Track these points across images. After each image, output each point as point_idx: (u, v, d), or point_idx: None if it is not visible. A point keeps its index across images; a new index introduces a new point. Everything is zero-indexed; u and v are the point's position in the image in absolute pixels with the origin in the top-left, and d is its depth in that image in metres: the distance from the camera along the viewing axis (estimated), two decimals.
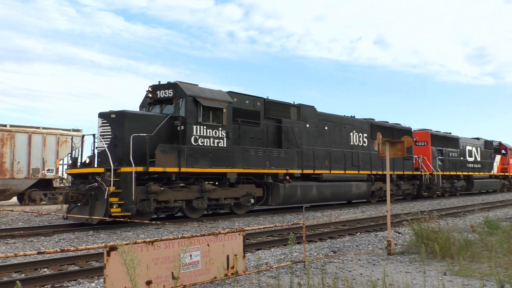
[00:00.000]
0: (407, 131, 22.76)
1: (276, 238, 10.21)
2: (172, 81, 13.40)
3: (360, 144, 19.94)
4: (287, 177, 15.48)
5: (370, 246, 8.90)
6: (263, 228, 6.49)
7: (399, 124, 23.10)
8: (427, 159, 24.47)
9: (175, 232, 10.90)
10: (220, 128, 13.44)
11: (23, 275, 6.50)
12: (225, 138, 13.57)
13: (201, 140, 12.94)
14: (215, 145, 13.31)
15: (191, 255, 5.22)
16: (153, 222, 9.19)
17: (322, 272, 5.74)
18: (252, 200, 14.71)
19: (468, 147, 28.85)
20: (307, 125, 17.18)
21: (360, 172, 19.31)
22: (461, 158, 27.82)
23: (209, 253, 5.46)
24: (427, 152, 24.85)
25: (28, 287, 5.57)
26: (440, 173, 24.57)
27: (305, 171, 16.54)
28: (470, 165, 28.66)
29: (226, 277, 5.53)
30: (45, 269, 6.86)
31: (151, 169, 11.61)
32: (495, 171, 32.59)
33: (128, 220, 8.65)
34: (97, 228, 11.22)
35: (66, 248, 4.23)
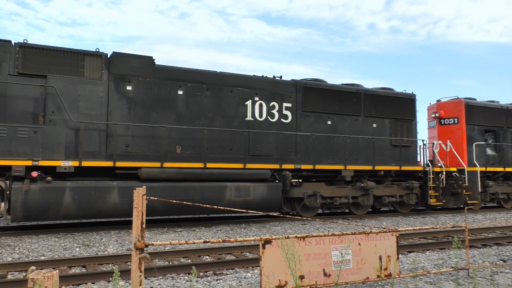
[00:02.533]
0: (406, 99, 15.04)
1: (430, 240, 9.44)
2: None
3: (274, 120, 12.46)
4: (35, 173, 9.25)
5: None
6: (418, 229, 6.03)
7: (391, 89, 15.13)
8: (457, 146, 15.92)
9: (321, 229, 10.95)
10: None
11: (189, 260, 7.30)
12: None
13: None
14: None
15: (342, 253, 5.14)
16: (298, 217, 9.29)
17: (493, 284, 5.05)
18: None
19: None
20: (128, 88, 10.64)
21: (259, 165, 11.74)
22: None
23: (361, 252, 5.30)
24: (458, 134, 16.23)
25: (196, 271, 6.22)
26: (479, 168, 15.52)
27: (94, 163, 9.89)
28: None
29: (379, 279, 5.29)
30: (207, 257, 7.60)
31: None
32: None
33: (278, 216, 8.98)
34: (248, 221, 11.96)
35: (227, 239, 4.57)
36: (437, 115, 16.86)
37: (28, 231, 9.80)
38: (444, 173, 15.13)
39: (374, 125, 14.32)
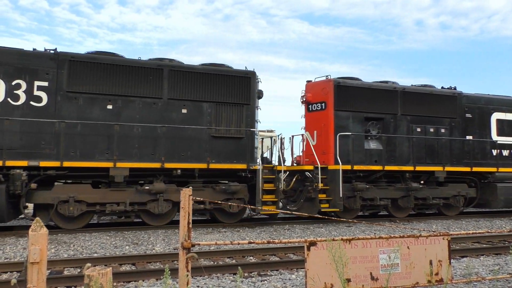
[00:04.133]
0: (239, 78, 11.65)
1: (484, 245, 8.97)
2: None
3: (18, 103, 9.71)
4: None
5: None
6: (472, 233, 5.74)
7: (226, 67, 11.86)
8: (324, 138, 12.58)
9: (366, 231, 10.71)
10: None
11: (233, 260, 7.38)
12: None
13: None
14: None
15: (389, 257, 5.00)
16: (343, 219, 9.10)
17: None
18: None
19: (498, 114, 14.92)
20: None
21: None
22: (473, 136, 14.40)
23: (409, 256, 5.12)
24: (326, 123, 12.55)
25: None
26: (342, 167, 11.79)
27: None
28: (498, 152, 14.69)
29: (429, 284, 5.09)
30: (251, 257, 7.64)
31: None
32: None
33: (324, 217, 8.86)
34: (291, 222, 11.92)
35: (271, 240, 4.58)
36: (304, 99, 13.26)
37: (82, 229, 10.30)
38: (288, 172, 12.13)
39: (184, 111, 11.04)
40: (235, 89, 11.53)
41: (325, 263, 4.56)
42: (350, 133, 12.49)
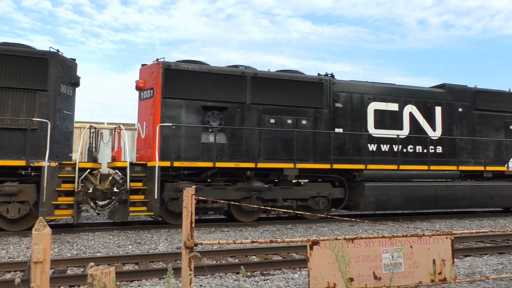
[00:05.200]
0: (30, 60, 9.92)
1: (487, 245, 8.94)
2: None
3: None
4: None
5: None
6: (475, 232, 5.72)
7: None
8: (150, 130, 10.95)
9: (369, 231, 10.70)
10: None
11: (236, 260, 7.38)
12: None
13: None
14: None
15: (392, 256, 4.99)
16: (346, 218, 9.05)
17: None
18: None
19: (377, 104, 13.09)
20: None
21: None
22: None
23: (413, 255, 5.11)
24: (153, 112, 10.93)
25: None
26: (159, 163, 10.20)
27: None
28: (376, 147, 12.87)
29: (432, 283, 5.08)
30: (253, 257, 7.64)
31: None
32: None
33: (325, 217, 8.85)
34: (294, 222, 11.91)
35: (274, 239, 4.58)
36: (136, 86, 11.45)
37: (85, 228, 10.33)
38: (100, 171, 10.79)
39: None
40: (23, 72, 9.76)
41: (328, 262, 4.56)
42: (172, 124, 10.57)
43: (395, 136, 12.97)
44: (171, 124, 10.61)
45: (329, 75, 12.95)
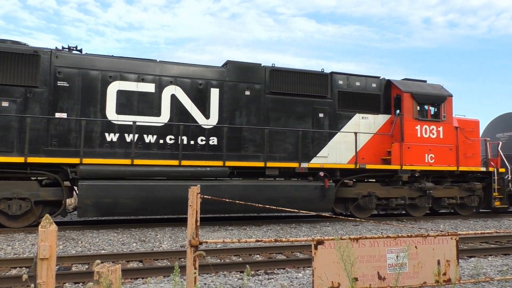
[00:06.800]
0: None
1: (492, 245, 8.91)
2: None
3: None
4: None
5: None
6: (480, 233, 5.71)
7: None
8: None
9: (373, 231, 10.68)
10: None
11: (240, 258, 7.39)
12: None
13: None
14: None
15: (397, 256, 4.98)
16: (350, 218, 9.02)
17: None
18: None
19: (122, 84, 10.67)
20: None
21: None
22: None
23: (417, 256, 5.10)
24: None
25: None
26: None
27: None
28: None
29: (437, 284, 5.07)
30: (257, 255, 7.65)
31: None
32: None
33: (328, 216, 8.84)
34: (299, 221, 11.90)
35: (278, 239, 4.58)
36: None
37: (90, 225, 10.38)
38: None
39: None
40: None
41: (332, 262, 4.56)
42: None
43: (149, 124, 10.57)
44: None
45: (70, 48, 10.56)
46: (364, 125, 12.83)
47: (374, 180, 13.02)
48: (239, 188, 10.79)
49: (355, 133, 12.27)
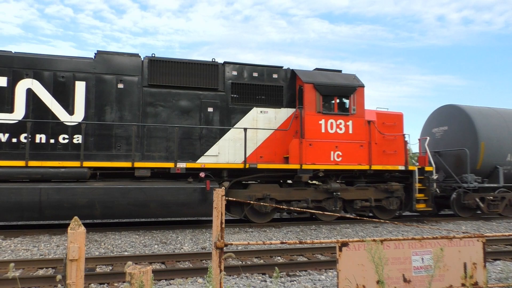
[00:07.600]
0: None
1: None
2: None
3: None
4: None
5: None
6: (508, 235, 5.58)
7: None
8: None
9: (394, 232, 10.56)
10: None
11: (261, 260, 7.40)
12: None
13: None
14: None
15: (422, 259, 4.92)
16: (374, 219, 8.96)
17: None
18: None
19: None
20: None
21: None
22: None
23: (443, 258, 5.02)
24: None
25: (269, 272, 6.28)
26: None
27: None
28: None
29: (464, 287, 4.99)
30: (278, 258, 7.65)
31: None
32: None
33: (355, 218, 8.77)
34: (318, 223, 11.85)
35: (303, 241, 4.58)
36: None
37: (113, 227, 10.53)
38: None
39: None
40: None
41: (357, 264, 4.53)
42: None
43: None
44: None
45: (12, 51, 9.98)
46: (263, 120, 11.59)
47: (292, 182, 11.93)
48: (99, 191, 9.70)
49: (245, 129, 10.88)
